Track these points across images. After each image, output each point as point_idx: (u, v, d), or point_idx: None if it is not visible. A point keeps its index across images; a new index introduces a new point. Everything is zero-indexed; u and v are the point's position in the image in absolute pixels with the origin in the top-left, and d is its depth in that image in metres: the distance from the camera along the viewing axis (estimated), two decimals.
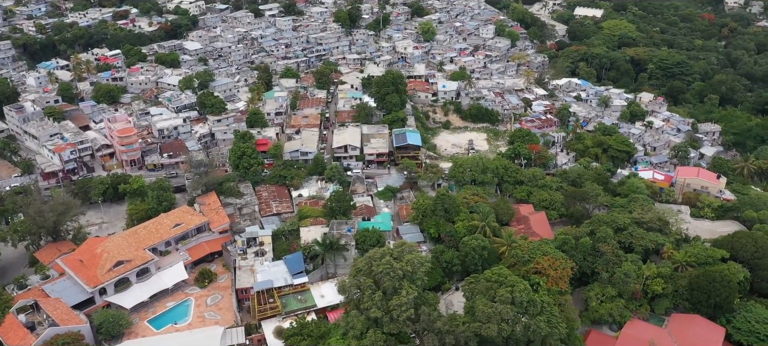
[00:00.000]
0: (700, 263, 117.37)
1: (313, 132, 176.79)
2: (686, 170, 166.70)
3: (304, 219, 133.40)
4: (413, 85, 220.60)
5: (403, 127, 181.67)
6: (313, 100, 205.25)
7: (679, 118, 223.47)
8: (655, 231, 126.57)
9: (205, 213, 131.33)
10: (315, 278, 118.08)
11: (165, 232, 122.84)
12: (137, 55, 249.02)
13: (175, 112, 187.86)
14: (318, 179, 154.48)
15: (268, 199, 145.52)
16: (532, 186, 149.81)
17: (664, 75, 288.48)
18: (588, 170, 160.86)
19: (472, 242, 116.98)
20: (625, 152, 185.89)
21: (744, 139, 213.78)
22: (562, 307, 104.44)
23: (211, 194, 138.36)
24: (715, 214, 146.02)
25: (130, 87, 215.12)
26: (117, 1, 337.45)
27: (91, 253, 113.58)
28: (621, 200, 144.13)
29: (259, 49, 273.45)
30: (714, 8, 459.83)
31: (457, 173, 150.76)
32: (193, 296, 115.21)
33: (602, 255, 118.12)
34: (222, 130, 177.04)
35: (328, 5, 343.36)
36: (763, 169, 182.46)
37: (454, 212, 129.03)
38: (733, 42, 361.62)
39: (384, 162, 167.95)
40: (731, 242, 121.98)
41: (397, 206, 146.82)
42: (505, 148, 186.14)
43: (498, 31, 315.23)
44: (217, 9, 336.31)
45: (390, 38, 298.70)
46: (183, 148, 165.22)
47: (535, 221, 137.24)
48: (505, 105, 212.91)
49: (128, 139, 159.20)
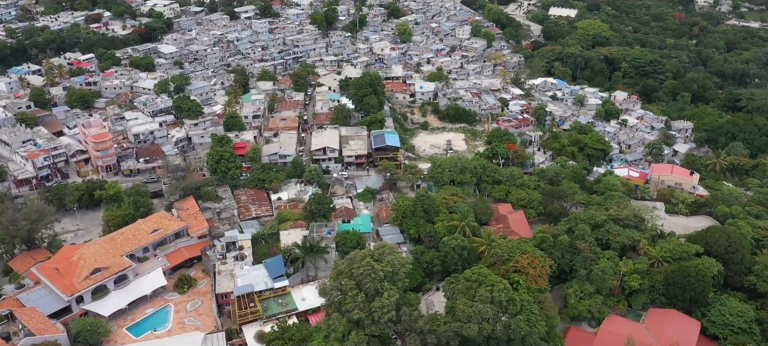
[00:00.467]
0: (676, 259, 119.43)
1: (292, 135, 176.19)
2: (660, 167, 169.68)
3: (283, 222, 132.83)
4: (391, 87, 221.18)
5: (382, 128, 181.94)
6: (291, 103, 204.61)
7: (652, 115, 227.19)
8: (632, 228, 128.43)
9: (183, 218, 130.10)
10: (296, 281, 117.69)
11: (142, 238, 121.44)
12: (111, 58, 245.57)
13: (150, 116, 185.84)
14: (297, 182, 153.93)
15: (247, 202, 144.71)
16: (510, 185, 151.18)
17: (637, 73, 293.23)
18: (565, 169, 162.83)
19: (451, 242, 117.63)
20: (601, 150, 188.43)
21: (716, 136, 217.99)
22: (542, 305, 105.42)
23: (189, 198, 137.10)
24: (689, 210, 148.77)
25: (104, 91, 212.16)
26: (89, 5, 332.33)
27: (67, 261, 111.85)
28: (597, 198, 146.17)
29: (236, 52, 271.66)
30: (685, 7, 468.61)
31: (436, 174, 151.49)
32: (173, 302, 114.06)
33: (580, 252, 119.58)
34: (199, 134, 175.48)
35: (304, 7, 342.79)
36: (734, 165, 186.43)
37: (434, 213, 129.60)
38: (704, 40, 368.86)
39: (363, 164, 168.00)
40: (705, 237, 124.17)
41: (376, 207, 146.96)
42: (483, 148, 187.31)
43: (474, 32, 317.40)
44: (191, 12, 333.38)
45: (367, 40, 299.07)
46: (159, 153, 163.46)
47: (514, 220, 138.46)
48: (483, 105, 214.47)
49: (103, 144, 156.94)
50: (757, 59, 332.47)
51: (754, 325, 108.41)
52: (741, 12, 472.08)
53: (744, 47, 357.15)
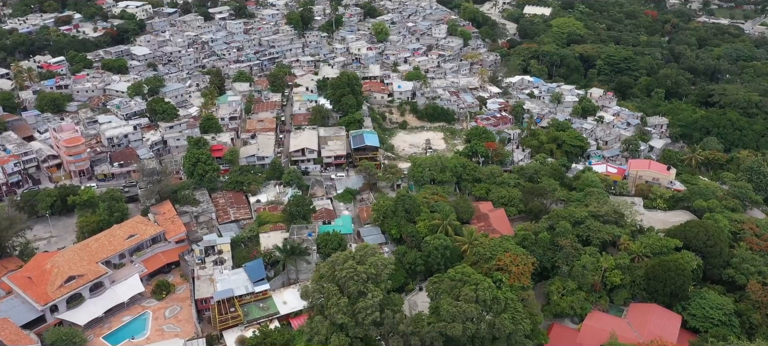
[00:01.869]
0: (656, 253, 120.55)
1: (269, 136, 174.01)
2: (638, 163, 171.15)
3: (263, 225, 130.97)
4: (369, 86, 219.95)
5: (360, 128, 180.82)
6: (268, 104, 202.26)
7: (628, 112, 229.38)
8: (611, 223, 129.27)
9: (160, 223, 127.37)
10: (276, 284, 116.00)
11: (118, 244, 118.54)
12: (83, 61, 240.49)
13: (124, 119, 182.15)
14: (276, 184, 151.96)
15: (226, 206, 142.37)
16: (490, 183, 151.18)
17: (612, 70, 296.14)
18: (544, 166, 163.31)
19: (434, 242, 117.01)
20: (579, 147, 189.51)
21: (690, 131, 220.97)
22: (525, 302, 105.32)
23: (165, 203, 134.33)
24: (666, 204, 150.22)
25: (76, 95, 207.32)
26: (59, 7, 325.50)
27: (40, 269, 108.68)
28: (577, 195, 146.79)
29: (210, 54, 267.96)
30: (656, 5, 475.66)
31: (417, 173, 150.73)
32: (151, 308, 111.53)
33: (561, 249, 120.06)
34: (175, 137, 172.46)
35: (279, 7, 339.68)
36: (709, 160, 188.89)
37: (415, 212, 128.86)
38: (676, 37, 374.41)
39: (342, 164, 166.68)
40: (684, 231, 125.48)
41: (357, 208, 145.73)
42: (463, 146, 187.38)
43: (450, 31, 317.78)
44: (164, 13, 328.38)
45: (343, 39, 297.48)
46: (134, 157, 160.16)
47: (495, 218, 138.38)
48: (461, 104, 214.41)
49: (76, 148, 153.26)
50: (727, 55, 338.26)
51: (733, 317, 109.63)
52: (711, 9, 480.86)
53: (715, 44, 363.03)
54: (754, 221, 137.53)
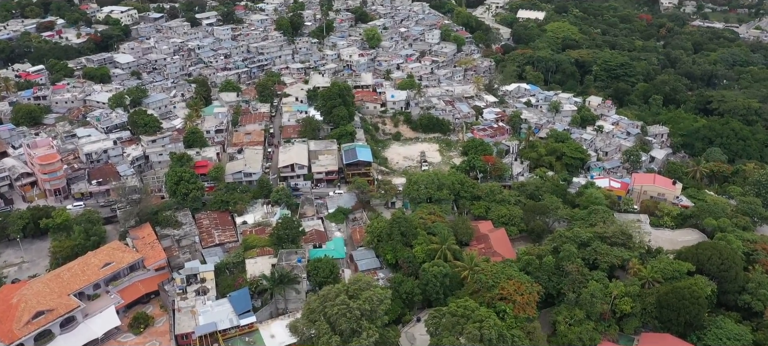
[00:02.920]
0: (667, 278, 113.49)
1: (257, 150, 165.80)
2: (642, 177, 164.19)
3: (249, 249, 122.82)
4: (361, 96, 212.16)
5: (352, 141, 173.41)
6: (256, 116, 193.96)
7: (627, 121, 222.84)
8: (619, 245, 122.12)
9: (138, 248, 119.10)
10: (264, 315, 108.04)
11: (93, 273, 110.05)
12: (63, 69, 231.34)
13: (104, 132, 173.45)
14: (264, 203, 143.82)
15: (210, 227, 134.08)
16: (489, 201, 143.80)
17: (608, 76, 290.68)
18: (545, 182, 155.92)
19: (432, 269, 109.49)
20: (579, 159, 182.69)
21: (692, 141, 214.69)
22: (531, 336, 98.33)
23: (145, 226, 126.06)
24: (674, 222, 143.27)
25: (54, 106, 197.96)
26: (41, 12, 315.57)
27: (5, 304, 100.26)
28: (581, 212, 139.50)
29: (197, 61, 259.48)
30: (650, 8, 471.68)
31: (412, 191, 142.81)
32: (128, 344, 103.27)
33: (567, 275, 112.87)
34: (157, 152, 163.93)
35: (268, 13, 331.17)
36: (714, 172, 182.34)
37: (412, 236, 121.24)
38: (671, 42, 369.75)
39: (334, 180, 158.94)
40: (696, 254, 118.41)
41: (349, 228, 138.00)
42: (459, 159, 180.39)
43: (443, 36, 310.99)
44: (151, 18, 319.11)
45: (334, 46, 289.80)
46: (114, 174, 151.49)
47: (496, 239, 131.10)
48: (456, 114, 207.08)
49: (51, 166, 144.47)
50: (724, 60, 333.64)
51: None
52: (705, 12, 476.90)
53: (710, 48, 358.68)
54: (767, 240, 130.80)
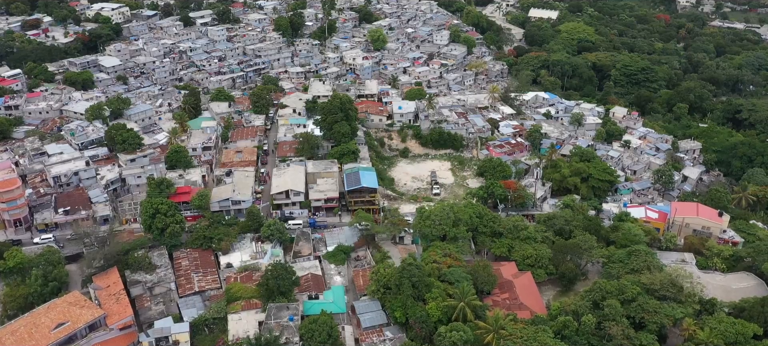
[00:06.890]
0: (729, 344, 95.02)
1: (248, 173, 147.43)
2: (684, 207, 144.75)
3: (233, 302, 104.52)
4: (365, 107, 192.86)
5: (355, 159, 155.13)
6: (249, 130, 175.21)
7: (656, 134, 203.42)
8: (669, 299, 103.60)
9: (101, 301, 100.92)
10: None
11: (42, 337, 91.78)
12: (43, 74, 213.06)
13: (79, 149, 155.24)
14: (253, 239, 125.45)
15: (189, 270, 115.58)
16: (512, 238, 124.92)
17: (628, 82, 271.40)
18: (576, 215, 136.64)
19: (450, 336, 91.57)
20: (608, 182, 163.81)
21: (727, 158, 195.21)
22: None
23: (112, 270, 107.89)
24: (725, 265, 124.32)
25: (27, 117, 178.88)
26: (27, 9, 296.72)
27: None
28: (619, 253, 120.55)
29: (189, 64, 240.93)
30: (667, 7, 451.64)
31: (424, 227, 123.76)
32: None
33: (611, 339, 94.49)
34: (135, 174, 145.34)
35: (267, 12, 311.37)
36: (758, 198, 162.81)
37: (425, 288, 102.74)
38: (692, 44, 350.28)
39: (334, 208, 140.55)
40: (761, 311, 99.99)
41: (351, 270, 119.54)
42: (473, 179, 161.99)
43: (453, 37, 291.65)
44: (144, 15, 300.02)
45: (337, 48, 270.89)
46: (84, 201, 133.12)
47: (522, 286, 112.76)
48: (470, 127, 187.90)
49: (10, 194, 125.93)
50: (749, 64, 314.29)
51: None
52: (724, 12, 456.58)
53: (734, 51, 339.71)
54: None
